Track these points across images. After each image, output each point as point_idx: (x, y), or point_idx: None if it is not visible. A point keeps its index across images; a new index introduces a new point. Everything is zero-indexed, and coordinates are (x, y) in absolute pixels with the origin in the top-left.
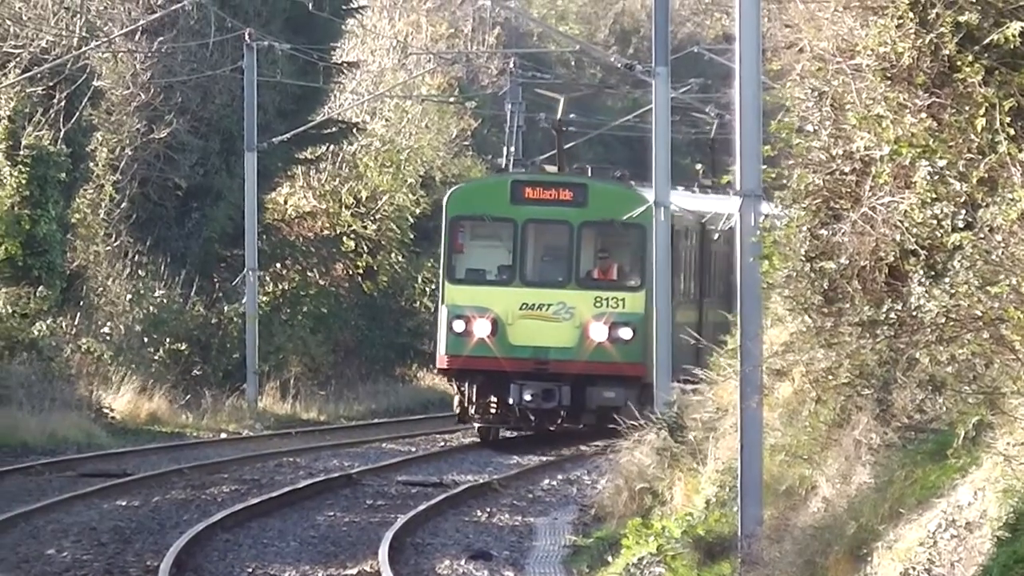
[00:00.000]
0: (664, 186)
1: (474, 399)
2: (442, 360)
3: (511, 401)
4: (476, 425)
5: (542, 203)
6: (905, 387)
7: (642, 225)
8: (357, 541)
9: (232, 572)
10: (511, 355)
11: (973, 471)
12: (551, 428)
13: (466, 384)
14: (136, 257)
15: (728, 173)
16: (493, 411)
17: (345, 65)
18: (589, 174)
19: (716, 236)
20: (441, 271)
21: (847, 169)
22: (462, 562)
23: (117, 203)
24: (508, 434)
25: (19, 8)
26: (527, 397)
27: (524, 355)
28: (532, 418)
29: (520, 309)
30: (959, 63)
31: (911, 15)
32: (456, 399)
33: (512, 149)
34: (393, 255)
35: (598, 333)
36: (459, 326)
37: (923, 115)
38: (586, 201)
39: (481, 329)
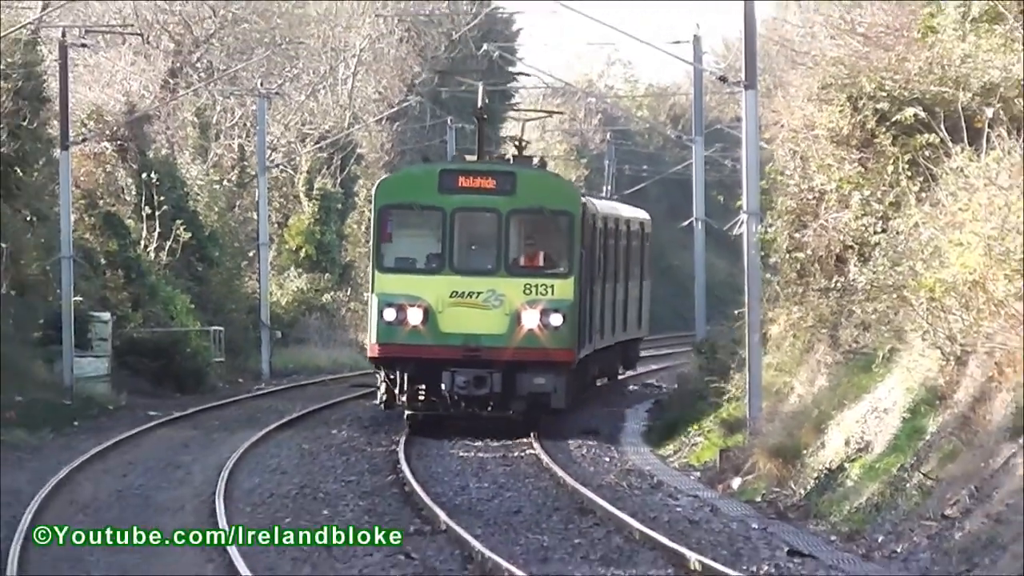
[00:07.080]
0: (700, 207)
1: (405, 386)
2: (374, 348)
3: (443, 388)
4: (405, 412)
5: (470, 191)
6: (847, 328)
7: (570, 212)
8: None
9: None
10: (443, 343)
11: (887, 377)
12: (482, 414)
13: (397, 372)
14: None
15: (739, 199)
16: (422, 398)
17: (511, 139)
18: (511, 163)
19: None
20: (370, 260)
21: (810, 197)
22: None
23: None
24: None
25: (312, 107)
26: (459, 384)
27: (456, 343)
28: (463, 404)
29: (451, 297)
30: (877, 133)
31: (848, 104)
32: (383, 386)
33: (609, 187)
34: None
35: (530, 320)
36: (390, 314)
37: (856, 164)
38: (514, 189)
39: (414, 317)
